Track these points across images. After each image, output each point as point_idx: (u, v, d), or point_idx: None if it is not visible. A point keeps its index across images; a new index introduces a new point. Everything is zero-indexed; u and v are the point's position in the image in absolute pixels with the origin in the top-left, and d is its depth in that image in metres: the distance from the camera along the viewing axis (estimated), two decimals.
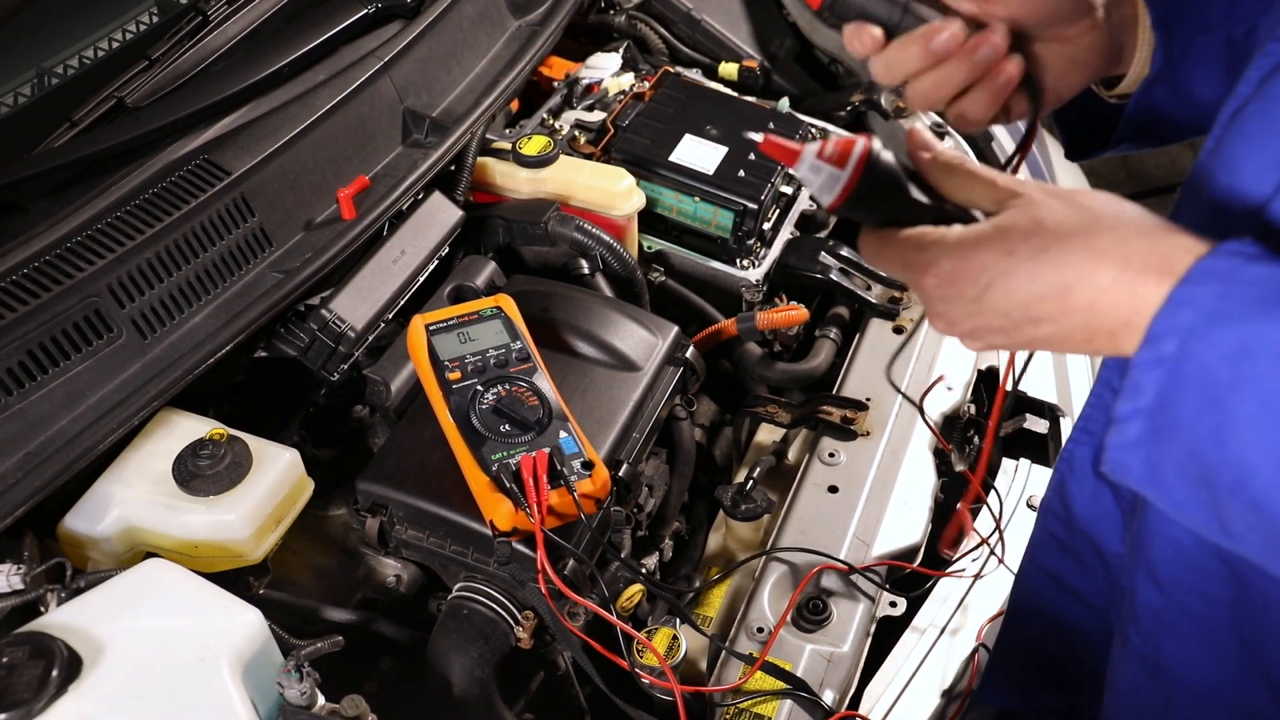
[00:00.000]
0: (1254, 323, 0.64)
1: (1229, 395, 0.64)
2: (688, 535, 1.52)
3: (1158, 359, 0.67)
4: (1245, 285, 0.65)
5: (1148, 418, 0.68)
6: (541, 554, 1.14)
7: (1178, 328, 0.66)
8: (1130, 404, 0.69)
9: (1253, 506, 0.65)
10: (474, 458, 1.20)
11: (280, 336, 1.40)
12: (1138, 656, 0.93)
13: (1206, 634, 0.87)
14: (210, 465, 1.19)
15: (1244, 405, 0.64)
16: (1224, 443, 0.65)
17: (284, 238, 1.43)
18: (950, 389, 1.59)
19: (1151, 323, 0.68)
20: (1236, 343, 0.64)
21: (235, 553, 1.20)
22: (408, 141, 1.62)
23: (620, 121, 1.85)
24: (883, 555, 1.38)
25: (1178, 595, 0.87)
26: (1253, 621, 0.84)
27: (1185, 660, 0.90)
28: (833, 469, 1.46)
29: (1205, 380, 0.65)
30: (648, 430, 1.39)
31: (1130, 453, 0.70)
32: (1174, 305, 0.67)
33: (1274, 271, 0.65)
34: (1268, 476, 0.64)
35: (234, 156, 1.39)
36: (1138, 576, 0.90)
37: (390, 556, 1.34)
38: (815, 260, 1.75)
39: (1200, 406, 0.66)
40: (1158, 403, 0.67)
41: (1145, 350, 0.68)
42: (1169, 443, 0.68)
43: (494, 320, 1.35)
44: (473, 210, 1.67)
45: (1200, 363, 0.65)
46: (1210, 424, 0.65)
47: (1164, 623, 0.89)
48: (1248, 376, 0.63)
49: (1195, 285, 0.67)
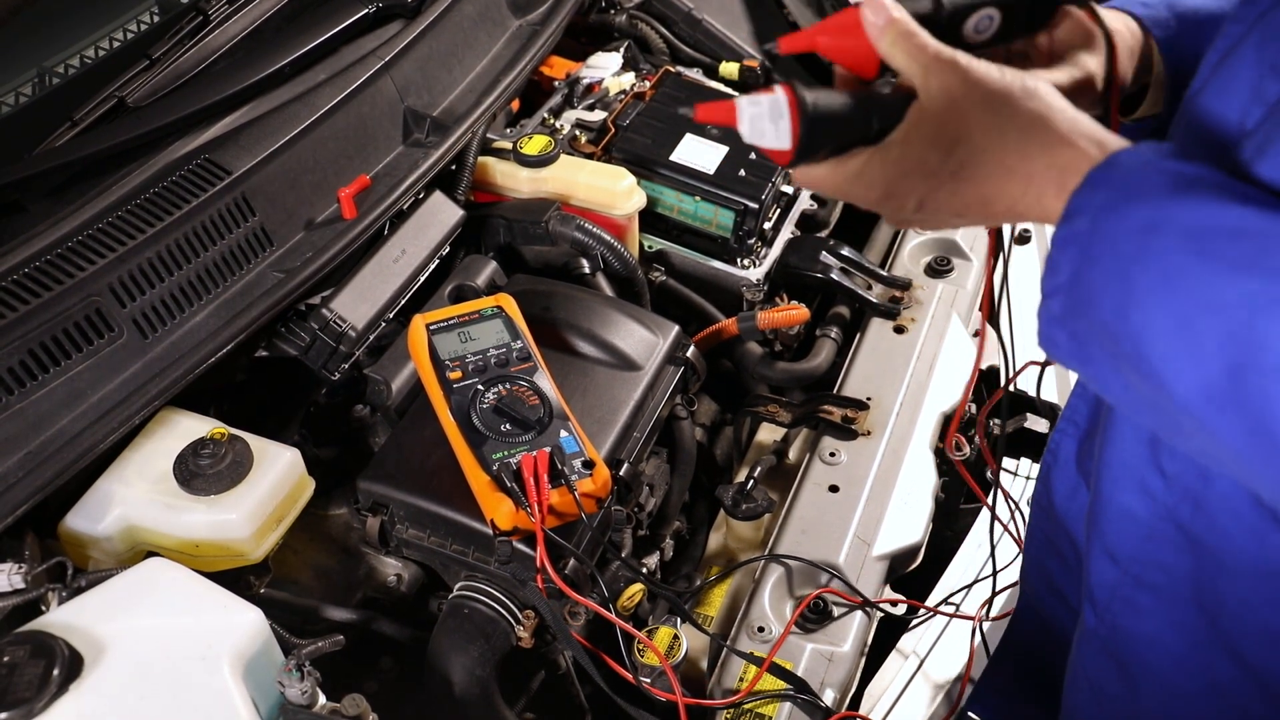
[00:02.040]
0: (1161, 200, 0.67)
1: (1133, 268, 0.67)
2: (688, 534, 1.52)
3: (1072, 235, 0.71)
4: (1157, 173, 0.69)
5: (1066, 293, 0.72)
6: (542, 553, 1.14)
7: (1091, 205, 0.70)
8: (1051, 281, 0.73)
9: (1151, 377, 0.68)
10: (475, 457, 1.20)
11: (281, 336, 1.40)
12: (1096, 640, 0.92)
13: (1167, 606, 0.88)
14: (211, 464, 1.19)
15: (1146, 277, 0.67)
16: (1126, 315, 0.68)
17: (285, 237, 1.43)
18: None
19: (1067, 202, 0.72)
20: (1144, 219, 0.67)
21: (236, 552, 1.20)
22: (408, 141, 1.62)
23: (621, 121, 1.85)
24: (883, 554, 1.37)
25: (1134, 569, 0.88)
26: (1212, 587, 0.85)
27: (1146, 638, 0.90)
28: (833, 468, 1.46)
29: (1114, 255, 0.68)
30: (648, 430, 1.39)
31: (1056, 327, 0.73)
32: (1089, 186, 0.71)
33: (1185, 166, 0.69)
34: (1162, 347, 0.66)
35: (235, 156, 1.39)
36: (1093, 555, 0.90)
37: (391, 556, 1.33)
38: (816, 260, 1.75)
39: (1109, 281, 0.69)
40: (1073, 278, 0.71)
41: (1061, 227, 0.72)
42: (1085, 317, 0.71)
43: (495, 320, 1.35)
44: (473, 210, 1.67)
45: (1110, 238, 0.69)
46: (1116, 297, 0.68)
47: (1121, 599, 0.89)
48: (1152, 252, 0.66)
49: (1110, 170, 0.71)
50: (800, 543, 1.37)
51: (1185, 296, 0.65)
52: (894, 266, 1.80)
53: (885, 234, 1.88)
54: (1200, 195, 0.67)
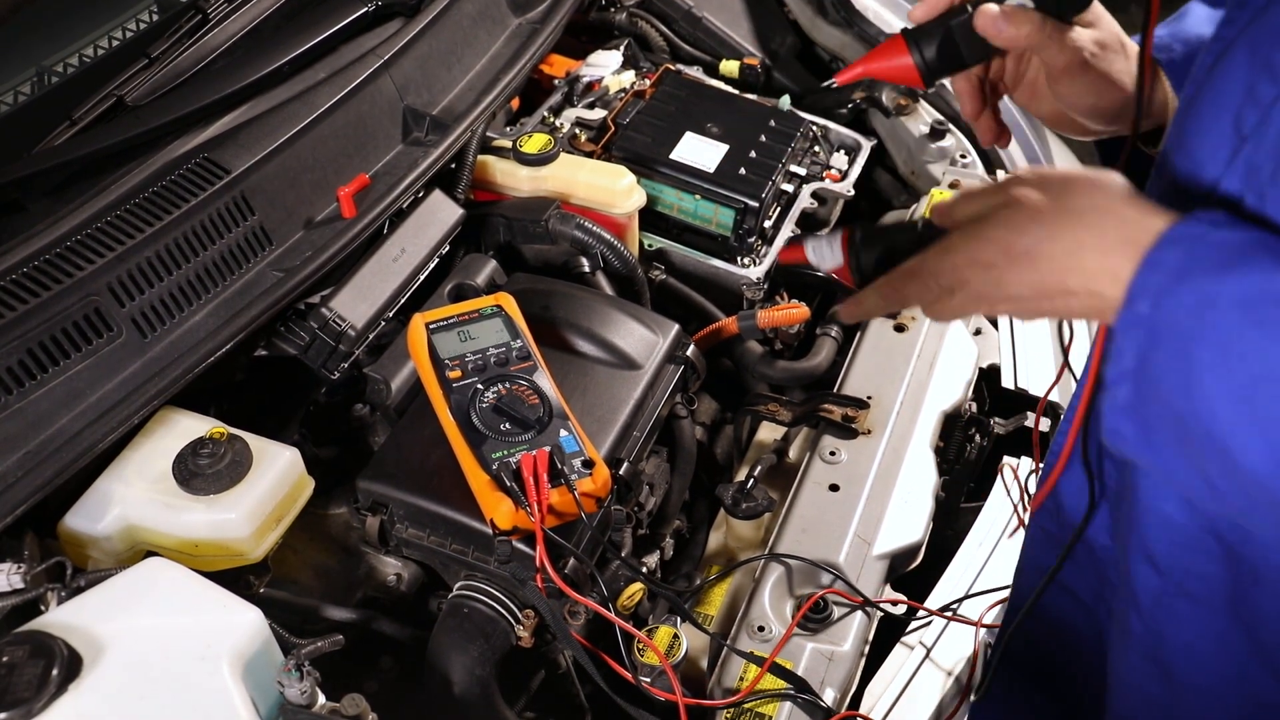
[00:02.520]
0: (1216, 276, 0.67)
1: (1193, 345, 0.67)
2: (688, 534, 1.52)
3: (1134, 320, 0.71)
4: (1210, 247, 0.69)
5: (1132, 380, 0.71)
6: (541, 552, 1.14)
7: (1150, 288, 0.70)
8: (1115, 368, 0.72)
9: (1220, 453, 0.68)
10: (474, 456, 1.20)
11: (280, 335, 1.40)
12: (1140, 647, 0.93)
13: (1206, 615, 0.88)
14: (210, 464, 1.19)
15: (1205, 352, 0.67)
16: (1191, 393, 0.68)
17: (284, 236, 1.42)
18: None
19: (1127, 288, 0.71)
20: (1200, 296, 0.68)
21: (235, 551, 1.20)
22: (408, 139, 1.62)
23: (621, 119, 1.84)
24: (884, 553, 1.37)
25: (1175, 576, 0.88)
26: (1247, 599, 0.85)
27: (1187, 646, 0.90)
28: (834, 467, 1.46)
29: (1175, 334, 0.69)
30: (648, 429, 1.39)
31: (1122, 417, 0.73)
32: (1145, 270, 0.71)
33: (1236, 235, 0.69)
34: (1228, 420, 0.66)
35: (234, 155, 1.39)
36: (1133, 561, 0.90)
37: (391, 555, 1.33)
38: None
39: (1171, 362, 0.69)
40: (1138, 364, 0.71)
41: (1123, 313, 0.72)
42: (1153, 402, 0.71)
43: (494, 319, 1.35)
44: (473, 208, 1.66)
45: (1171, 319, 0.69)
46: (1180, 377, 0.68)
47: (1164, 607, 0.90)
48: (1208, 325, 0.67)
49: (1165, 249, 0.71)
50: (800, 542, 1.36)
51: (1245, 367, 0.66)
52: None
53: None
54: (1251, 263, 0.67)
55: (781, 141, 1.81)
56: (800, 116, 1.91)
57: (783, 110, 1.92)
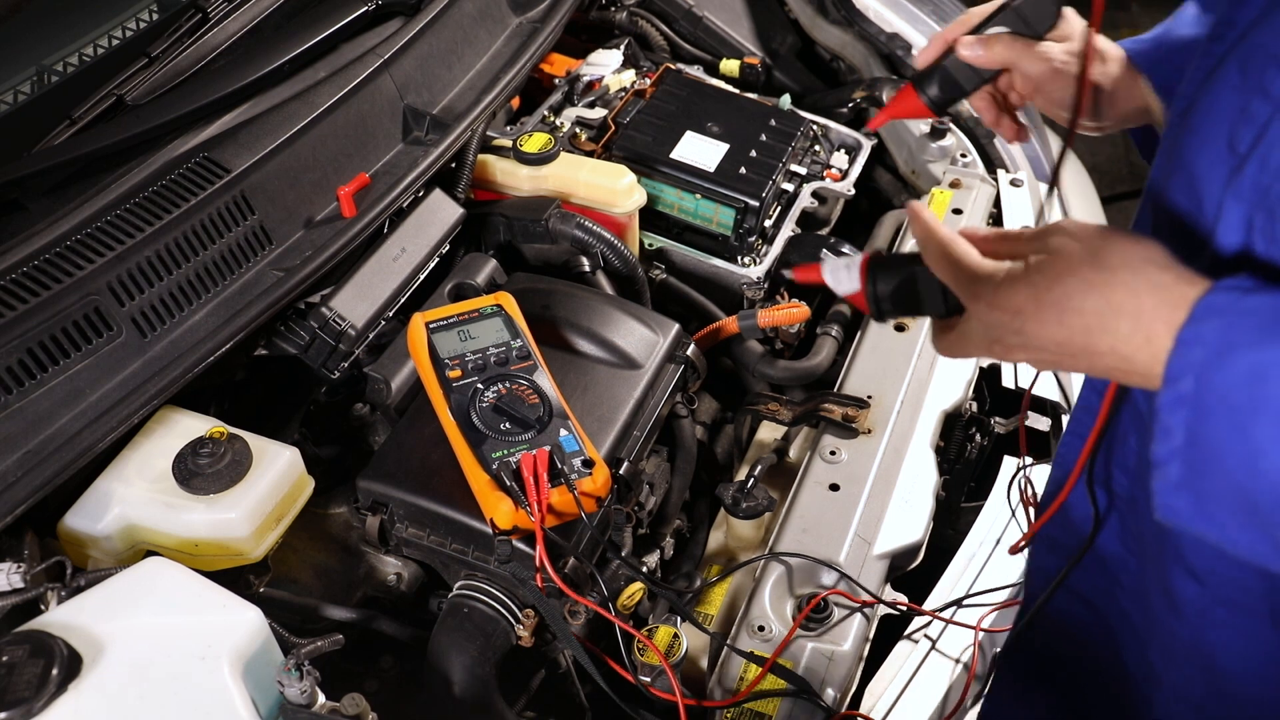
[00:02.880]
0: (1262, 347, 0.67)
1: (1251, 420, 0.67)
2: (689, 533, 1.52)
3: (1178, 399, 0.70)
4: (1246, 315, 0.69)
5: (1183, 458, 0.71)
6: (541, 552, 1.15)
7: (1191, 365, 0.70)
8: (1165, 446, 0.72)
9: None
10: (474, 456, 1.20)
11: (280, 334, 1.40)
12: (1188, 653, 0.93)
13: (1244, 621, 0.88)
14: (210, 463, 1.19)
15: (1266, 426, 0.66)
16: (1256, 466, 0.67)
17: (284, 235, 1.42)
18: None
19: (1166, 366, 0.71)
20: (1248, 368, 0.67)
21: (235, 551, 1.20)
22: (408, 139, 1.62)
23: (621, 118, 1.84)
24: (884, 553, 1.37)
25: (1213, 584, 0.88)
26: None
27: (1229, 650, 0.90)
28: (834, 467, 1.45)
29: (1226, 409, 0.68)
30: (649, 428, 1.39)
31: (1176, 495, 0.72)
32: (1184, 346, 0.71)
33: (1269, 300, 0.69)
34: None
35: (234, 154, 1.39)
36: (1173, 573, 0.90)
37: (391, 555, 1.33)
38: (816, 257, 1.74)
39: (1227, 436, 0.69)
40: (1189, 440, 0.70)
41: (1166, 392, 0.71)
42: (1208, 476, 0.70)
43: (494, 318, 1.35)
44: (473, 208, 1.66)
45: (1219, 394, 0.69)
46: (1240, 452, 0.68)
47: (1206, 615, 0.90)
48: (1264, 399, 0.66)
49: (1200, 323, 0.70)
50: (801, 541, 1.36)
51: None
52: None
53: (887, 231, 1.88)
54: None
55: (782, 140, 1.81)
56: (801, 116, 1.90)
57: (783, 109, 1.91)
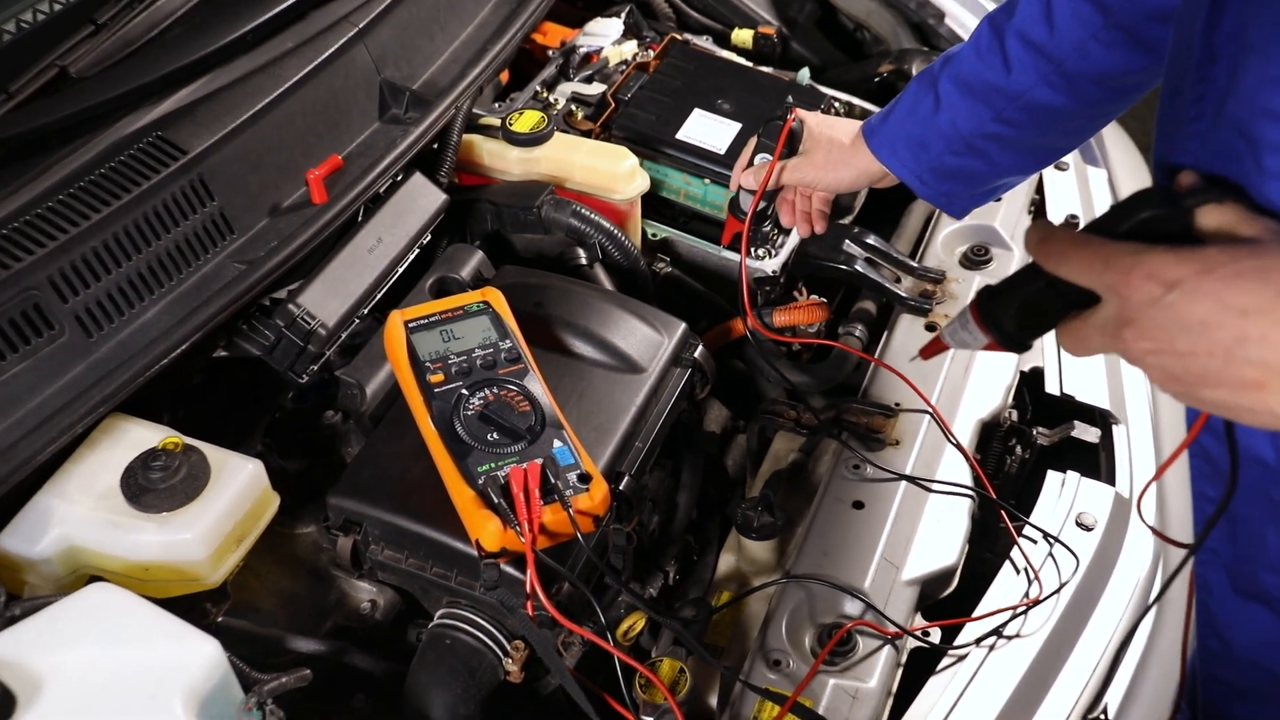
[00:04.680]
0: None
1: None
2: (696, 556, 1.51)
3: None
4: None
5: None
6: (532, 576, 1.14)
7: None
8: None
9: None
10: (458, 470, 1.20)
11: (243, 334, 1.40)
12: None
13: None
14: (163, 478, 1.18)
15: None
16: None
17: (247, 224, 1.42)
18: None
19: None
20: None
21: (191, 576, 1.19)
22: (385, 117, 1.62)
23: (622, 95, 1.84)
24: (914, 578, 1.36)
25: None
26: None
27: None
28: (858, 482, 1.45)
29: None
30: (652, 439, 1.39)
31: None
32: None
33: None
34: None
35: (191, 133, 1.38)
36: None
37: (365, 579, 1.33)
38: (839, 249, 1.74)
39: None
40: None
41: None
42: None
43: (481, 316, 1.35)
44: (457, 194, 1.66)
45: None
46: None
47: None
48: None
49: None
50: (821, 565, 1.36)
51: None
52: (926, 257, 1.78)
53: (916, 221, 1.87)
54: None
55: None
56: (821, 91, 1.90)
57: (802, 84, 1.91)
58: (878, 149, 1.39)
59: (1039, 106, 1.27)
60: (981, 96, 1.29)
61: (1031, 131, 1.31)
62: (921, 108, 1.35)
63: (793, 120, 1.47)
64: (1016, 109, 1.28)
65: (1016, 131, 1.30)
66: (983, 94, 1.29)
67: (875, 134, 1.40)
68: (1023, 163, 1.38)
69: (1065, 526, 1.44)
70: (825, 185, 1.49)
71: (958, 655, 1.32)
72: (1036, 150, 1.36)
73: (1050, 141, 1.35)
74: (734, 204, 1.58)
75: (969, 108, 1.31)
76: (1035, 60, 1.24)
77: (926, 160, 1.36)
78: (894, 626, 1.30)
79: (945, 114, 1.32)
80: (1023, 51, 1.25)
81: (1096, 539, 1.41)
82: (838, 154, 1.44)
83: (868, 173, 1.43)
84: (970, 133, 1.32)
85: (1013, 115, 1.29)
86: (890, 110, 1.40)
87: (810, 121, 1.48)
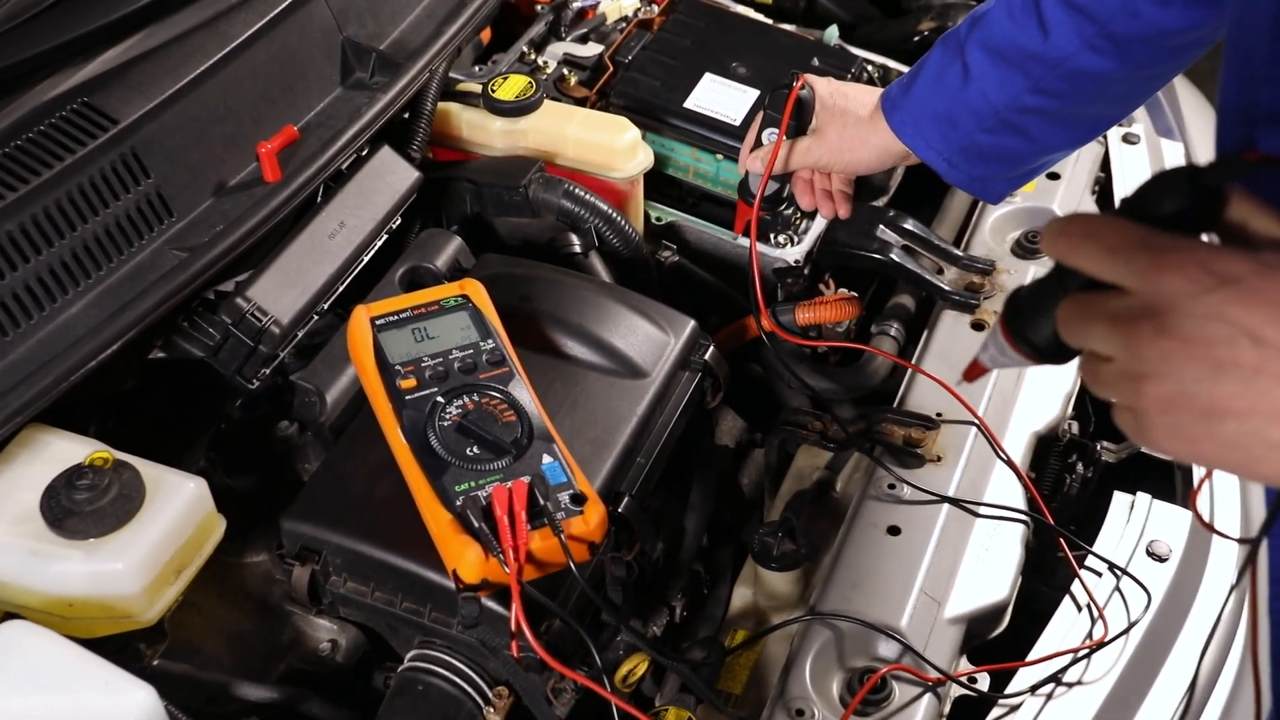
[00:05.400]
0: None
1: None
2: (707, 589, 1.52)
3: None
4: None
5: None
6: (518, 612, 1.13)
7: None
8: None
9: None
10: (433, 489, 1.19)
11: (183, 332, 1.40)
12: None
13: None
14: (90, 499, 1.18)
15: None
16: None
17: (188, 205, 1.42)
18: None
19: None
20: None
21: (122, 612, 1.19)
22: (348, 82, 1.62)
23: (621, 57, 1.84)
24: (958, 616, 1.36)
25: None
26: None
27: None
28: (893, 504, 1.45)
29: None
30: (656, 454, 1.39)
31: None
32: None
33: None
34: None
35: (122, 99, 1.38)
36: None
37: (324, 616, 1.33)
38: (871, 235, 1.74)
39: None
40: None
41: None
42: None
43: (459, 312, 1.35)
44: (432, 171, 1.67)
45: None
46: None
47: None
48: None
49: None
50: (851, 600, 1.36)
51: None
52: (972, 244, 1.79)
53: (961, 202, 1.88)
54: None
55: None
56: (851, 53, 1.91)
57: (829, 44, 1.91)
58: (899, 126, 1.38)
59: (1082, 74, 1.26)
60: (1016, 64, 1.28)
61: (1074, 102, 1.30)
62: (948, 78, 1.34)
63: (799, 89, 1.45)
64: (1056, 78, 1.27)
65: (1057, 103, 1.30)
66: (1017, 61, 1.28)
67: (896, 109, 1.39)
68: (1067, 136, 1.37)
69: (1135, 556, 1.44)
70: (842, 167, 1.47)
71: (1009, 705, 1.33)
72: (1081, 122, 1.35)
73: (1097, 110, 1.34)
74: (744, 187, 1.57)
75: (1001, 77, 1.30)
76: (1076, 22, 1.24)
77: (956, 139, 1.35)
78: (935, 671, 1.30)
79: (975, 85, 1.31)
80: (1061, 13, 1.24)
81: (1171, 571, 1.41)
82: (854, 130, 1.43)
83: (890, 152, 1.42)
84: (1004, 106, 1.31)
85: (1052, 85, 1.28)
86: (912, 79, 1.39)
87: (821, 90, 1.46)
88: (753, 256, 1.55)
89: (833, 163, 1.46)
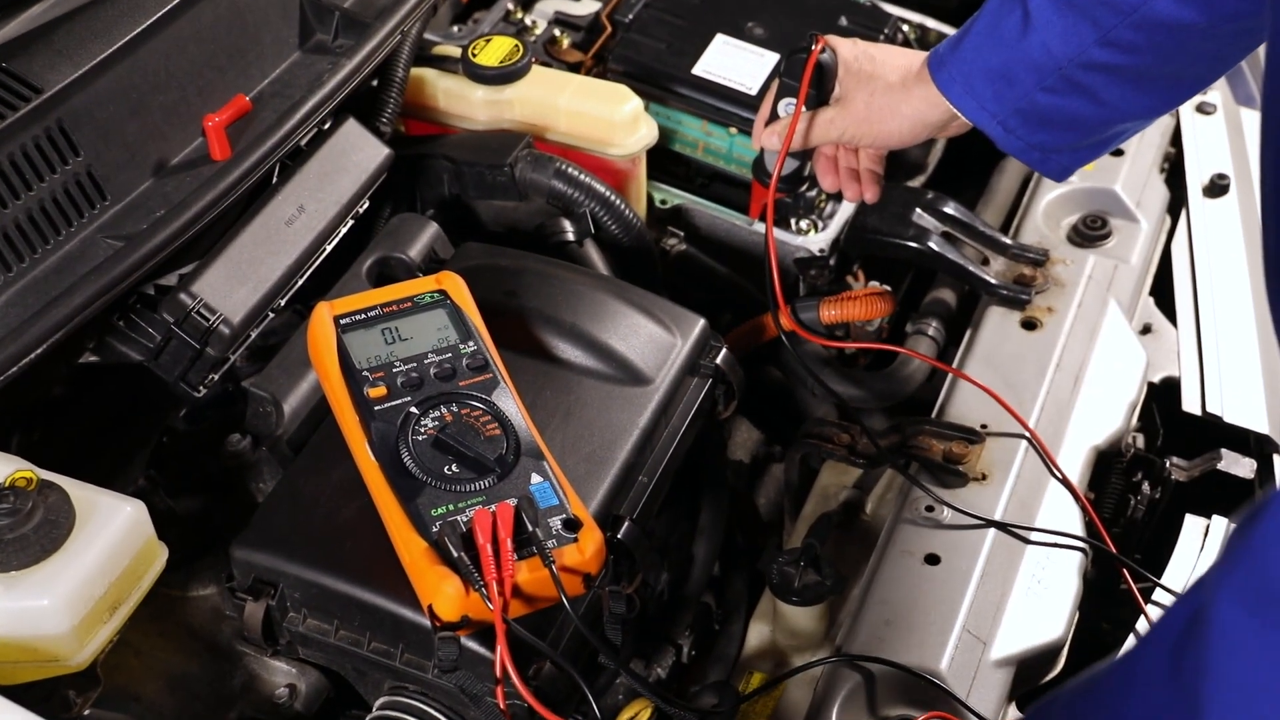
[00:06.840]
0: None
1: None
2: (718, 625, 1.53)
3: None
4: None
5: None
6: (503, 653, 1.13)
7: None
8: None
9: None
10: (405, 514, 1.19)
11: (119, 333, 1.40)
12: None
13: None
14: (11, 525, 1.16)
15: None
16: None
17: (124, 187, 1.43)
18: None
19: None
20: None
21: (49, 654, 1.18)
22: (308, 45, 1.63)
23: (621, 15, 1.85)
24: (1006, 658, 1.37)
25: None
26: None
27: None
28: (931, 529, 1.46)
29: None
30: (660, 471, 1.39)
31: None
32: None
33: None
34: None
35: (47, 65, 1.38)
36: None
37: (281, 658, 1.34)
38: (906, 221, 1.74)
39: None
40: None
41: None
42: None
43: (436, 310, 1.35)
44: (404, 147, 1.67)
45: None
46: None
47: None
48: None
49: None
50: (884, 639, 1.36)
51: None
52: (1022, 231, 1.80)
53: (1010, 182, 1.88)
54: None
55: None
56: (885, 11, 1.91)
57: (859, 2, 1.90)
58: (946, 85, 1.37)
59: (1159, 24, 1.25)
60: (1083, 10, 1.27)
61: (1151, 58, 1.28)
62: (1005, 28, 1.33)
63: (819, 52, 1.44)
64: (1129, 27, 1.26)
65: (1130, 58, 1.28)
66: (1085, 7, 1.27)
67: (944, 65, 1.37)
68: (1141, 102, 1.35)
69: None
70: (870, 141, 1.46)
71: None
72: (1158, 84, 1.33)
73: (1177, 70, 1.33)
74: (758, 165, 1.56)
75: (1067, 26, 1.28)
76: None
77: (1012, 99, 1.34)
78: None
79: (1036, 35, 1.30)
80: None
81: None
82: (884, 98, 1.42)
83: (925, 121, 1.41)
84: (1069, 61, 1.29)
85: (1124, 36, 1.26)
86: (964, 34, 1.38)
87: (845, 53, 1.45)
88: (770, 245, 1.54)
89: (859, 136, 1.44)
